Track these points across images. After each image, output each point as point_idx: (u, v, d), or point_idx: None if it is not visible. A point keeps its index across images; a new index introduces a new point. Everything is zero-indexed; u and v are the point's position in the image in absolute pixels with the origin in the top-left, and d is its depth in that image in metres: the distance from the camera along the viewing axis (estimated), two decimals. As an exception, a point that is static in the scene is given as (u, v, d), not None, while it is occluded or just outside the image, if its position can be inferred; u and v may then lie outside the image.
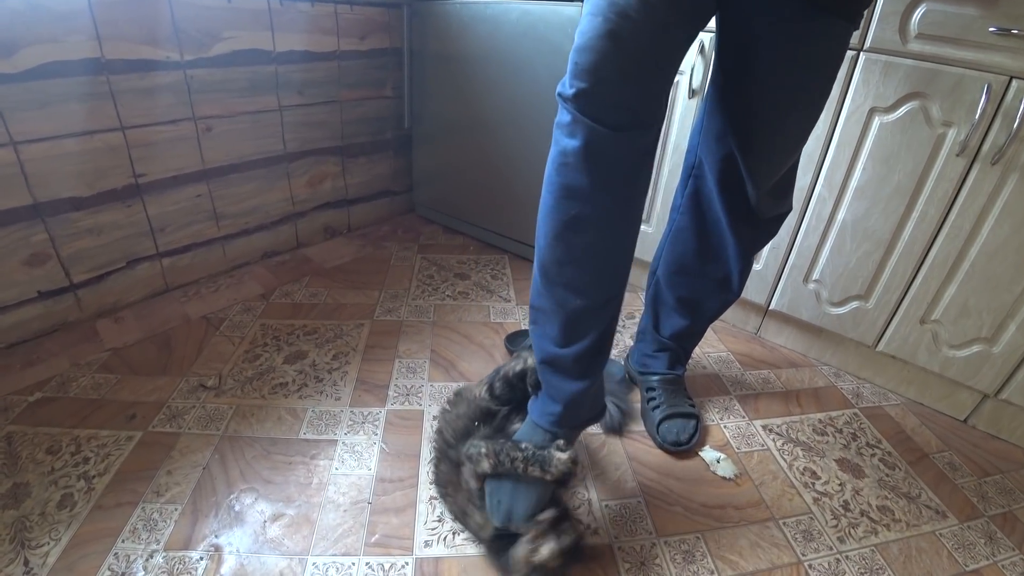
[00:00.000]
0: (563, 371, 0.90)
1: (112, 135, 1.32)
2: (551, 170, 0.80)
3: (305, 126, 1.72)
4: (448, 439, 0.96)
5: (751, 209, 1.00)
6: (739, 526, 1.03)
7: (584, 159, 0.75)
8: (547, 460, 0.85)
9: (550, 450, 0.86)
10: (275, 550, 0.91)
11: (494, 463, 0.87)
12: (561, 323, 0.87)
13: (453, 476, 0.93)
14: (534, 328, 0.93)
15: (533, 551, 0.82)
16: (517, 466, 0.85)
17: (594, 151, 0.75)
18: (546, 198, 0.82)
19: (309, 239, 1.90)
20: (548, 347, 0.90)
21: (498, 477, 0.87)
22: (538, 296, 0.89)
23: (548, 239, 0.83)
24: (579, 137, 0.74)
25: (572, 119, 0.74)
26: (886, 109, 1.21)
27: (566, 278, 0.85)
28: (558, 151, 0.78)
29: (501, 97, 1.70)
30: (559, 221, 0.81)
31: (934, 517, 1.09)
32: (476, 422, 0.96)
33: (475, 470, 0.88)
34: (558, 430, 0.91)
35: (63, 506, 0.95)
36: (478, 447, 0.89)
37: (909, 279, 1.29)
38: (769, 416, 1.31)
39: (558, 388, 0.91)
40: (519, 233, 1.87)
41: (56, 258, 1.31)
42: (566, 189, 0.78)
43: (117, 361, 1.29)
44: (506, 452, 0.87)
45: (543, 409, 0.92)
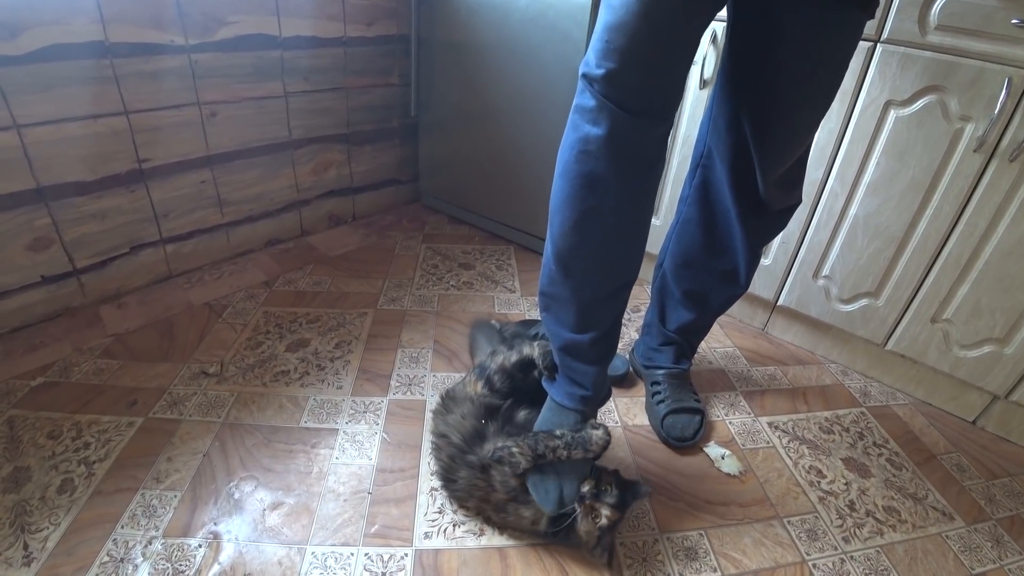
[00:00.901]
0: (582, 356, 0.92)
1: (116, 119, 1.31)
2: (569, 158, 0.78)
3: (310, 113, 1.70)
4: (459, 444, 0.93)
5: (760, 200, 0.99)
6: (743, 524, 1.02)
7: (607, 148, 0.74)
8: (588, 440, 0.89)
9: (587, 430, 0.90)
10: (274, 539, 0.91)
11: (532, 457, 0.87)
12: (577, 310, 0.89)
13: (479, 481, 0.92)
14: (546, 315, 0.95)
15: (595, 520, 0.86)
16: (560, 454, 0.87)
17: (618, 140, 0.74)
18: (563, 186, 0.81)
19: (313, 227, 1.89)
20: (564, 334, 0.92)
21: (537, 470, 0.88)
22: (552, 284, 0.90)
23: (565, 228, 0.82)
24: (603, 125, 0.73)
25: (597, 105, 0.73)
26: (902, 103, 1.19)
27: (582, 267, 0.85)
28: (578, 138, 0.76)
29: (509, 85, 1.67)
30: (578, 211, 0.80)
31: (941, 519, 1.08)
32: (483, 420, 0.95)
33: (513, 471, 0.88)
34: (586, 409, 0.94)
35: (63, 491, 0.95)
36: (508, 448, 0.88)
37: (921, 277, 1.27)
38: (775, 413, 1.30)
39: (581, 371, 0.93)
40: (525, 224, 1.85)
41: (59, 243, 1.31)
42: (586, 178, 0.77)
43: (119, 347, 1.28)
44: (543, 443, 0.88)
45: (568, 392, 0.94)
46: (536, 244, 1.86)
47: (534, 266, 1.81)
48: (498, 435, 0.92)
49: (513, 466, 0.87)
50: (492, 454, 0.89)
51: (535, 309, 1.58)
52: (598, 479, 0.89)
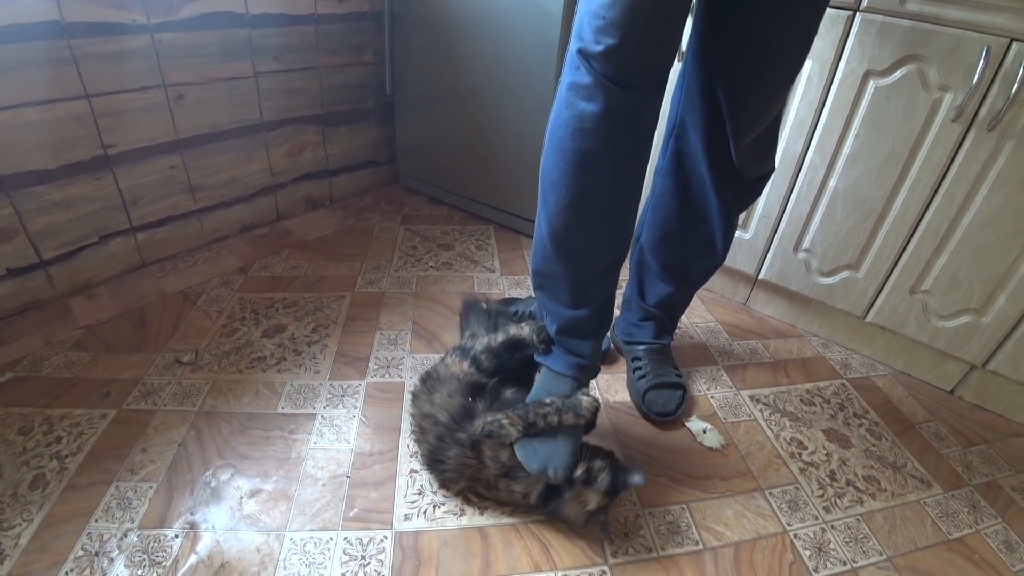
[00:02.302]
0: (580, 331, 0.94)
1: (76, 103, 1.26)
2: (564, 136, 0.78)
3: (282, 94, 1.66)
4: (447, 423, 0.92)
5: (735, 168, 0.98)
6: (725, 496, 1.03)
7: (604, 125, 0.74)
8: (578, 404, 0.89)
9: (577, 396, 0.91)
10: (252, 526, 0.89)
11: (523, 427, 0.87)
12: (573, 287, 0.90)
13: (470, 459, 0.91)
14: (541, 293, 0.96)
15: (583, 504, 0.86)
16: (551, 420, 0.88)
17: (615, 116, 0.74)
18: (557, 164, 0.80)
19: (290, 211, 1.85)
20: (562, 311, 0.93)
21: (531, 437, 0.88)
22: (546, 263, 0.91)
23: (560, 207, 0.82)
24: (599, 102, 0.73)
25: (593, 81, 0.73)
26: (881, 72, 1.18)
27: (578, 244, 0.86)
28: (573, 115, 0.76)
29: (485, 61, 1.64)
30: (573, 189, 0.80)
31: (919, 486, 1.09)
32: (471, 398, 0.94)
33: (501, 443, 0.88)
34: (582, 376, 0.96)
35: (35, 487, 0.93)
36: (497, 420, 0.88)
37: (900, 248, 1.27)
38: (756, 386, 1.30)
39: (579, 344, 0.95)
40: (505, 203, 1.83)
41: (24, 233, 1.26)
42: (583, 156, 0.77)
43: (91, 339, 1.25)
44: (533, 411, 0.88)
45: (566, 361, 0.96)
46: (516, 223, 1.85)
47: (514, 245, 1.79)
48: (487, 412, 0.92)
49: (503, 438, 0.87)
50: (482, 429, 0.88)
51: (515, 288, 1.57)
52: (591, 462, 0.88)
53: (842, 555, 0.94)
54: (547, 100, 1.57)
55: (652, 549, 0.92)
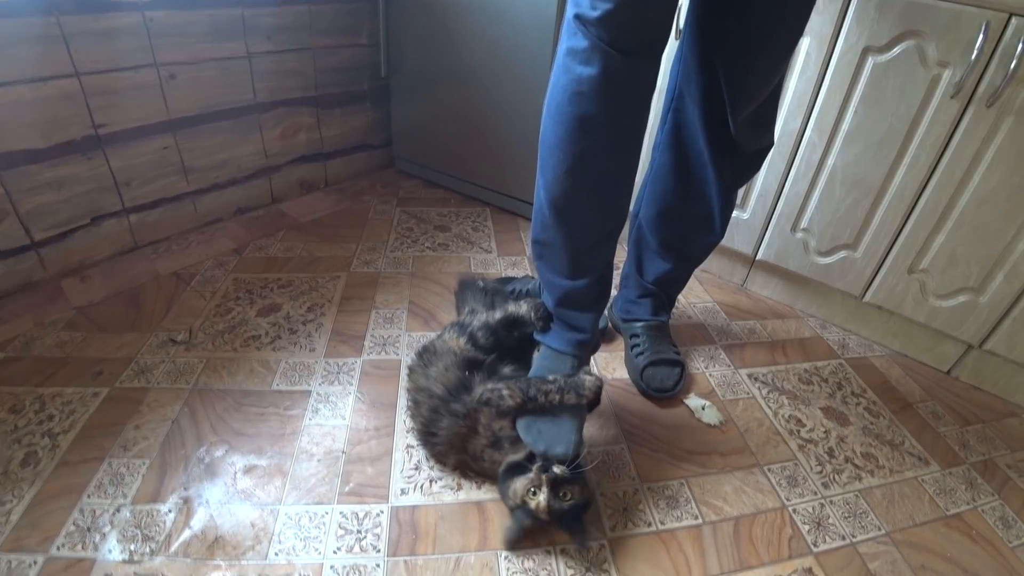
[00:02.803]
0: (579, 302, 0.94)
1: (66, 82, 1.24)
2: (562, 100, 0.78)
3: (276, 74, 1.64)
4: (442, 394, 0.91)
5: (733, 142, 0.97)
6: (724, 472, 1.03)
7: (601, 88, 0.74)
8: (581, 384, 0.88)
9: (580, 375, 0.90)
10: (246, 501, 0.89)
11: (522, 400, 0.86)
12: (571, 256, 0.90)
13: (461, 428, 0.90)
14: (541, 263, 0.96)
15: (531, 493, 0.82)
16: (552, 398, 0.86)
17: (611, 79, 0.74)
18: (555, 129, 0.80)
19: (284, 194, 1.83)
20: (560, 281, 0.93)
21: (529, 412, 0.87)
22: (545, 230, 0.91)
23: (558, 172, 0.82)
24: (596, 64, 0.73)
25: (590, 45, 0.73)
26: (880, 49, 1.17)
27: (575, 211, 0.86)
28: (570, 79, 0.76)
29: (481, 42, 1.62)
30: (571, 154, 0.80)
31: (917, 464, 1.09)
32: (467, 372, 0.93)
33: (498, 411, 0.87)
34: (582, 354, 0.95)
35: (26, 464, 0.92)
36: (496, 390, 0.87)
37: (898, 227, 1.27)
38: (755, 365, 1.30)
39: (578, 318, 0.95)
40: (502, 185, 1.82)
41: (14, 214, 1.25)
42: (580, 120, 0.77)
43: (83, 319, 1.24)
44: (535, 387, 0.87)
45: (565, 338, 0.95)
46: (513, 205, 1.84)
47: (510, 227, 1.79)
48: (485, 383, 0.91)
49: (500, 407, 0.86)
50: (480, 395, 0.88)
51: (512, 268, 1.57)
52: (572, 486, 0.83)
53: (841, 530, 0.94)
54: (544, 81, 1.54)
55: (651, 523, 0.92)
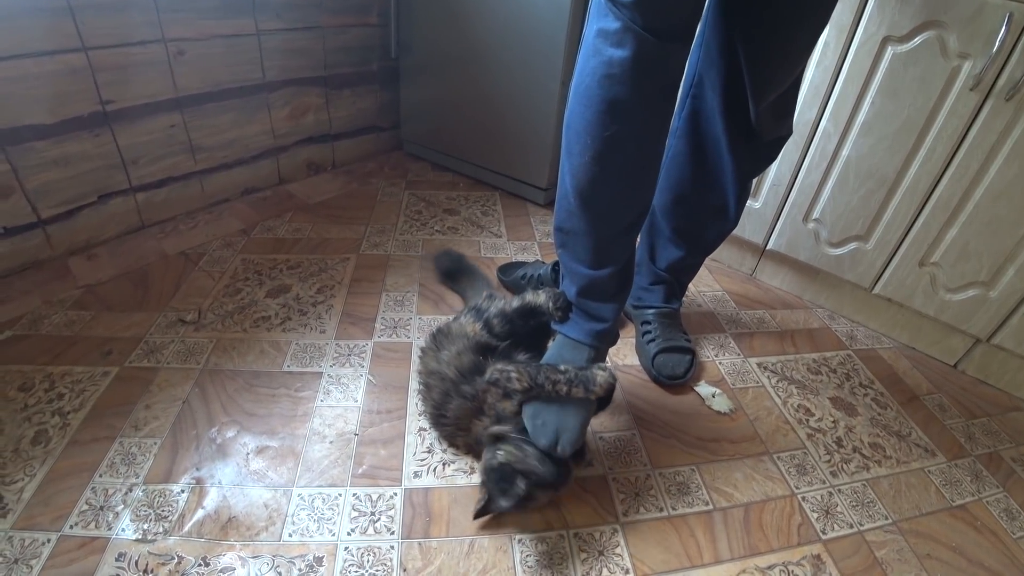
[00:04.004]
0: (601, 293, 0.92)
1: (73, 56, 1.22)
2: (591, 83, 0.76)
3: (285, 53, 1.62)
4: (454, 377, 0.91)
5: (752, 129, 0.96)
6: (734, 459, 1.03)
7: (633, 71, 0.73)
8: (590, 379, 0.85)
9: (592, 370, 0.86)
10: (259, 482, 0.89)
11: (529, 385, 0.84)
12: (595, 245, 0.88)
13: (467, 408, 0.89)
14: (563, 252, 0.94)
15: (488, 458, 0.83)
16: (560, 388, 0.84)
17: (643, 62, 0.72)
18: (582, 113, 0.78)
19: (292, 175, 1.82)
20: (583, 271, 0.91)
21: (537, 400, 0.85)
22: (569, 218, 0.88)
23: (584, 158, 0.80)
24: (628, 47, 0.71)
25: (622, 27, 0.71)
26: (900, 38, 1.15)
27: (602, 198, 0.84)
28: (600, 62, 0.74)
29: (494, 23, 1.60)
30: (599, 139, 0.78)
31: (923, 455, 1.10)
32: (481, 356, 0.92)
33: (504, 393, 0.85)
34: (600, 345, 0.93)
35: (37, 442, 0.91)
36: (506, 371, 0.86)
37: (911, 220, 1.26)
38: (764, 354, 1.30)
39: (599, 308, 0.93)
40: (512, 170, 1.81)
41: (21, 191, 1.23)
42: (610, 104, 0.75)
43: (91, 298, 1.23)
44: (544, 375, 0.85)
45: (584, 328, 0.93)
46: (523, 190, 1.83)
47: (520, 212, 1.78)
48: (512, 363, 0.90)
49: (507, 388, 0.85)
50: (490, 374, 0.87)
51: (522, 253, 1.56)
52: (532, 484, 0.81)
53: (849, 518, 0.95)
54: (558, 66, 1.54)
55: (663, 508, 0.92)
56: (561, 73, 1.55)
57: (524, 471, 0.81)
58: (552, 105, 1.60)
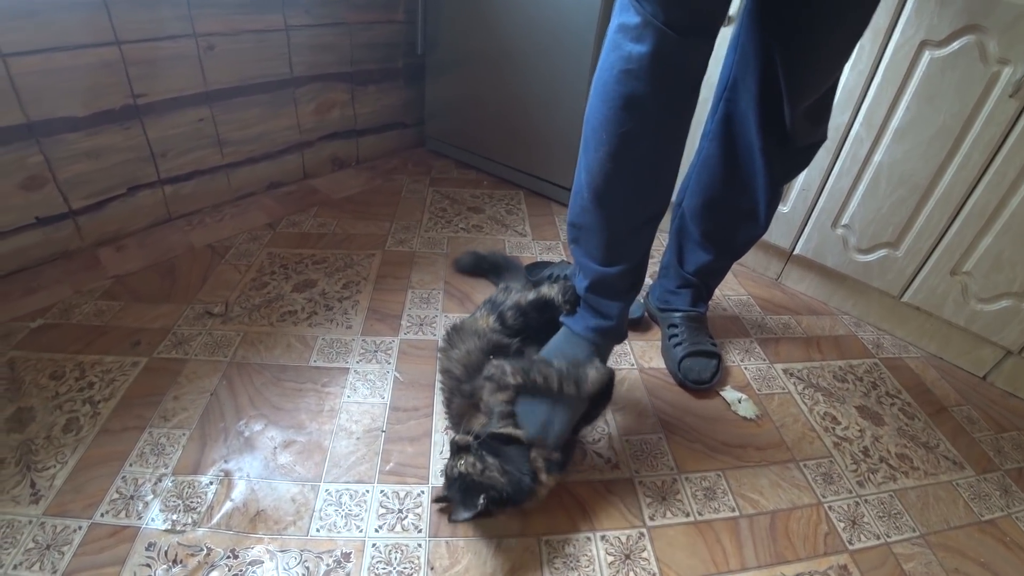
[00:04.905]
0: (610, 290, 0.91)
1: (107, 50, 1.24)
2: (609, 78, 0.76)
3: (313, 49, 1.63)
4: (459, 375, 0.91)
5: (786, 134, 0.95)
6: (760, 466, 1.02)
7: (651, 67, 0.72)
8: (582, 377, 0.83)
9: (585, 368, 0.84)
10: (286, 476, 0.89)
11: (523, 379, 0.83)
12: (608, 242, 0.88)
13: (466, 407, 0.89)
14: (575, 247, 0.94)
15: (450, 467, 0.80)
16: (551, 383, 0.82)
17: (662, 58, 0.71)
18: (600, 109, 0.78)
19: (316, 170, 1.83)
20: (594, 267, 0.90)
21: (531, 395, 0.84)
22: (583, 214, 0.88)
23: (600, 153, 0.80)
24: (647, 42, 0.71)
25: (642, 21, 0.70)
26: (938, 43, 1.13)
27: (617, 195, 0.83)
28: (620, 57, 0.73)
29: (522, 21, 1.60)
30: (615, 134, 0.77)
31: (951, 467, 1.08)
32: (490, 356, 0.92)
33: (497, 385, 0.84)
34: (601, 342, 0.93)
35: (68, 430, 0.93)
36: (501, 366, 0.85)
37: (944, 228, 1.24)
38: (790, 360, 1.29)
39: (606, 305, 0.92)
40: (537, 169, 1.80)
41: (53, 182, 1.25)
42: (627, 99, 0.75)
43: (120, 288, 1.25)
44: (537, 368, 0.84)
45: (588, 323, 0.92)
46: (547, 190, 1.82)
47: (544, 211, 1.77)
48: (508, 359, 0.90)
49: (501, 382, 0.84)
50: (486, 369, 0.86)
51: (547, 253, 1.56)
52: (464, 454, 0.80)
53: (876, 529, 0.94)
54: (586, 65, 1.53)
55: (689, 513, 0.92)
56: (589, 72, 1.54)
57: (484, 484, 0.76)
58: (579, 105, 1.59)
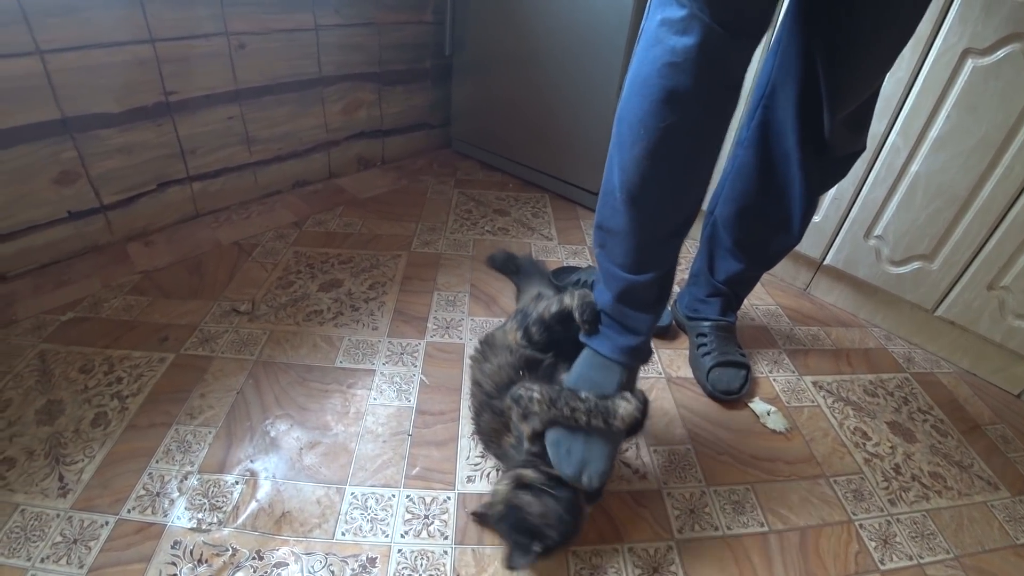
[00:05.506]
0: (639, 300, 0.85)
1: (141, 47, 1.25)
2: (650, 72, 0.71)
3: (341, 48, 1.63)
4: (489, 391, 0.88)
5: (825, 143, 0.92)
6: (789, 480, 1.00)
7: (696, 60, 0.68)
8: (611, 411, 0.78)
9: (615, 399, 0.79)
10: (312, 478, 0.89)
11: (548, 408, 0.79)
12: (637, 247, 0.82)
13: (497, 424, 0.86)
14: (601, 252, 0.88)
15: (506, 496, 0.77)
16: (579, 417, 0.78)
17: (707, 52, 0.68)
18: (638, 103, 0.73)
19: (342, 169, 1.83)
20: (621, 274, 0.85)
21: (559, 426, 0.79)
22: (613, 216, 0.83)
23: (636, 152, 0.75)
24: (694, 34, 0.67)
25: (688, 14, 0.67)
26: (982, 51, 1.10)
27: (651, 196, 0.79)
28: (663, 50, 0.70)
29: (551, 25, 1.58)
30: (654, 129, 0.73)
31: (986, 488, 1.05)
32: (520, 371, 0.87)
33: (523, 411, 0.81)
34: (634, 363, 0.86)
35: (97, 424, 0.94)
36: (530, 389, 0.81)
37: (982, 241, 1.20)
38: (819, 373, 1.26)
39: (636, 318, 0.85)
40: (562, 172, 1.79)
41: (86, 177, 1.27)
42: (669, 93, 0.70)
43: (148, 284, 1.26)
44: (564, 400, 0.79)
45: (616, 343, 0.85)
46: (573, 193, 1.81)
47: (570, 215, 1.76)
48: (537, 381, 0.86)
49: (527, 409, 0.80)
50: (513, 390, 0.82)
51: (573, 257, 1.55)
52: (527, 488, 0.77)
53: (908, 549, 0.91)
54: (616, 68, 1.52)
55: (718, 528, 0.90)
56: (619, 76, 1.52)
57: (539, 529, 0.74)
58: (608, 108, 1.57)
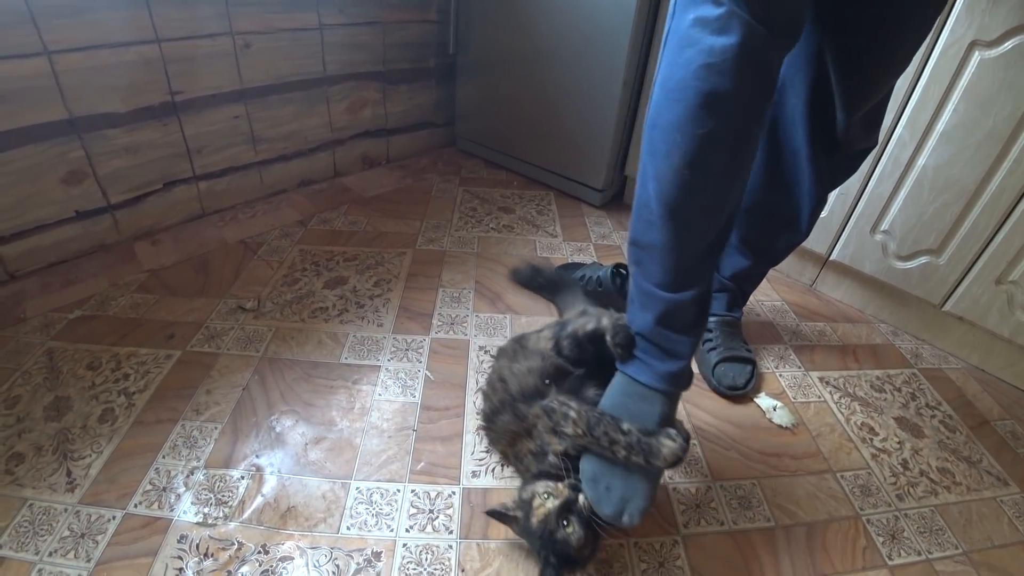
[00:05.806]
0: (680, 322, 0.79)
1: (148, 47, 1.26)
2: (685, 75, 0.66)
3: (346, 47, 1.64)
4: (514, 393, 0.84)
5: (836, 140, 0.92)
6: (796, 476, 1.00)
7: (737, 60, 0.63)
8: (655, 451, 0.72)
9: (659, 437, 0.74)
10: (317, 473, 0.89)
11: (584, 434, 0.74)
12: (677, 262, 0.77)
13: (516, 427, 0.82)
14: (637, 271, 0.82)
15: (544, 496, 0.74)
16: (617, 451, 0.73)
17: (748, 52, 0.63)
18: (674, 109, 0.68)
19: (347, 168, 1.84)
20: (661, 294, 0.78)
21: (594, 455, 0.75)
22: (649, 230, 0.77)
23: (674, 159, 0.70)
24: (734, 34, 0.62)
25: (726, 12, 0.62)
26: (989, 43, 1.09)
27: (692, 206, 0.73)
28: (699, 51, 0.65)
29: (554, 24, 1.59)
30: (693, 136, 0.68)
31: (995, 483, 1.04)
32: (547, 380, 0.83)
33: (554, 427, 0.76)
34: (676, 390, 0.80)
35: (104, 420, 0.94)
36: (565, 406, 0.76)
37: (990, 235, 1.19)
38: (826, 368, 1.26)
39: (677, 341, 0.79)
40: (567, 170, 1.79)
41: (93, 177, 1.28)
42: (708, 97, 0.65)
43: (155, 282, 1.27)
44: (604, 428, 0.74)
45: (657, 370, 0.79)
46: (578, 191, 1.81)
47: (574, 212, 1.77)
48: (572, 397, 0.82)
49: (559, 427, 0.76)
50: (549, 402, 0.79)
51: (578, 254, 1.55)
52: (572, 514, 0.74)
53: (916, 545, 0.90)
54: (619, 67, 1.52)
55: (724, 523, 0.90)
56: (623, 74, 1.52)
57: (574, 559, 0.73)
58: (612, 106, 1.58)
